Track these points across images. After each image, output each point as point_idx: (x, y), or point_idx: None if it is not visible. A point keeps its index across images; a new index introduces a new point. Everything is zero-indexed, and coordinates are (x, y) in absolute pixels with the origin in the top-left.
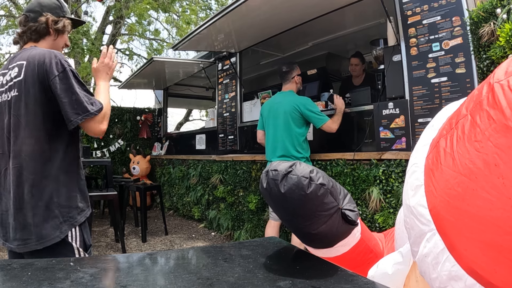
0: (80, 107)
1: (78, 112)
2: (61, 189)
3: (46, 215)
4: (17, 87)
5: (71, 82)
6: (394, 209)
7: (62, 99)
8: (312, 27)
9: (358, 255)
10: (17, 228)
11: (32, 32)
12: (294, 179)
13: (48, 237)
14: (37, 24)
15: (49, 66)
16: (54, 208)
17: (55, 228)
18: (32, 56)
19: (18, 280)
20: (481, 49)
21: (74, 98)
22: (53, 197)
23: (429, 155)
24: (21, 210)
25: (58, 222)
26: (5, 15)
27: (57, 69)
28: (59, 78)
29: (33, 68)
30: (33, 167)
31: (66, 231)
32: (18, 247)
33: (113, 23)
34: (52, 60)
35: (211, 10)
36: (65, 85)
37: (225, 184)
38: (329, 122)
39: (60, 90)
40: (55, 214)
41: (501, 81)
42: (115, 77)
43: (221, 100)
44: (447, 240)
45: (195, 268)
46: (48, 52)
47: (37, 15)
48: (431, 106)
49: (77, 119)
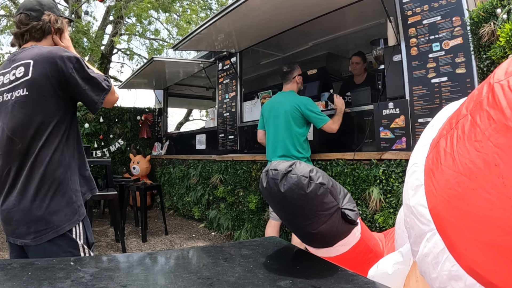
0: (100, 87)
1: (99, 93)
2: (73, 175)
3: (66, 201)
4: (25, 86)
5: (86, 70)
6: (394, 209)
7: (84, 87)
8: (312, 27)
9: (358, 255)
10: (29, 222)
11: (37, 31)
12: (294, 178)
13: (68, 221)
14: (42, 22)
15: (62, 63)
16: (71, 193)
17: (74, 212)
18: (38, 54)
19: (19, 280)
20: (481, 49)
21: (93, 82)
22: (69, 183)
23: (429, 155)
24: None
25: (76, 206)
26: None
27: (70, 62)
28: (75, 70)
29: (42, 67)
30: (49, 159)
31: (83, 214)
32: (33, 240)
33: (113, 23)
34: (63, 57)
35: (212, 10)
36: (83, 74)
37: (225, 184)
38: (329, 123)
39: (80, 80)
40: (73, 199)
41: (501, 81)
42: (115, 77)
43: (221, 100)
44: (447, 240)
45: (196, 268)
46: (55, 49)
47: (39, 14)
48: (431, 106)
49: (100, 99)
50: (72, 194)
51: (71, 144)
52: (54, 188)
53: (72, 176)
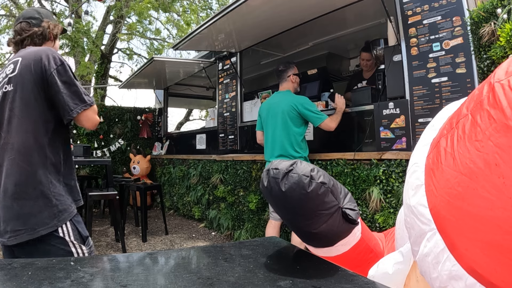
0: (79, 98)
1: (77, 102)
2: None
3: (45, 203)
4: (12, 82)
5: (70, 75)
6: (394, 209)
7: (62, 91)
8: (313, 27)
9: (358, 255)
10: (8, 220)
11: (38, 36)
12: (295, 177)
13: (45, 225)
14: (42, 28)
15: (46, 61)
16: (52, 197)
17: (53, 217)
18: (27, 53)
19: (19, 280)
20: (482, 49)
21: (73, 90)
22: (50, 187)
23: (429, 154)
24: (16, 200)
25: (56, 210)
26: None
27: (55, 63)
28: (57, 72)
29: (28, 64)
30: (28, 158)
31: (64, 219)
32: (9, 240)
33: (114, 23)
34: (49, 56)
35: (212, 10)
36: (64, 78)
37: (225, 184)
38: (327, 121)
39: (60, 82)
40: (53, 203)
41: (502, 80)
42: (115, 76)
43: (221, 100)
44: (447, 239)
45: (196, 268)
46: (43, 49)
47: (38, 22)
48: (432, 106)
49: (77, 109)
50: (52, 197)
51: (57, 147)
52: (33, 188)
53: (54, 180)
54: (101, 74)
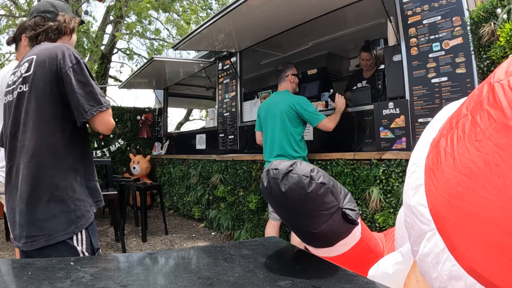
0: (95, 99)
1: (93, 104)
2: (73, 184)
3: (62, 209)
4: (27, 81)
5: (86, 74)
6: (394, 209)
7: (76, 91)
8: (313, 27)
9: (358, 255)
10: (24, 225)
11: (53, 31)
12: (294, 178)
13: (62, 231)
14: (57, 23)
15: (62, 59)
16: (70, 202)
17: (70, 223)
18: (42, 50)
19: (19, 280)
20: (482, 49)
21: (88, 90)
22: (68, 191)
23: (429, 154)
24: (31, 205)
25: (74, 216)
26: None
27: (70, 61)
28: (73, 70)
29: (43, 62)
30: (43, 161)
31: (82, 226)
32: (25, 246)
33: (113, 23)
34: (65, 53)
35: (212, 10)
36: (79, 77)
37: (225, 184)
38: (325, 121)
39: (75, 81)
40: (71, 208)
41: (502, 80)
42: (115, 76)
43: (221, 100)
44: (447, 239)
45: (196, 268)
46: (60, 46)
47: (53, 15)
48: (431, 106)
49: (92, 110)
50: (70, 202)
51: (75, 149)
52: (49, 193)
53: (73, 184)
54: (101, 74)
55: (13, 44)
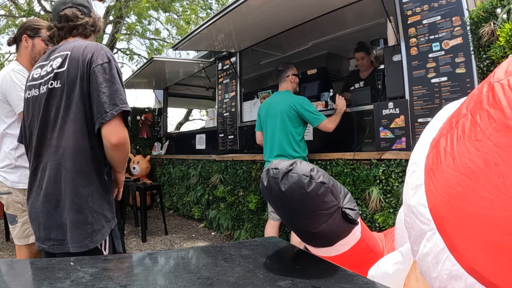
0: (119, 98)
1: (116, 103)
2: (95, 194)
3: (79, 219)
4: (59, 78)
5: (114, 73)
6: (394, 209)
7: (102, 89)
8: (312, 27)
9: (358, 255)
10: (50, 228)
11: (90, 27)
12: (294, 177)
13: (78, 243)
14: (93, 19)
15: (94, 56)
16: (88, 213)
17: (86, 236)
18: (77, 47)
19: (19, 280)
20: (481, 49)
21: (114, 89)
22: (88, 201)
23: (429, 154)
24: (57, 208)
25: (90, 229)
26: (5, 15)
27: (102, 59)
28: (102, 67)
29: (77, 59)
30: (72, 165)
31: (98, 241)
32: (51, 248)
33: (113, 23)
34: (99, 51)
35: (212, 10)
36: (108, 76)
37: (225, 184)
38: (325, 122)
39: (102, 79)
40: (88, 220)
41: (501, 80)
42: None
43: (221, 100)
44: (447, 239)
45: (195, 268)
46: (97, 45)
47: (88, 11)
48: (431, 106)
49: (113, 110)
50: (88, 213)
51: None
52: (69, 199)
53: (94, 194)
54: None
55: (13, 44)
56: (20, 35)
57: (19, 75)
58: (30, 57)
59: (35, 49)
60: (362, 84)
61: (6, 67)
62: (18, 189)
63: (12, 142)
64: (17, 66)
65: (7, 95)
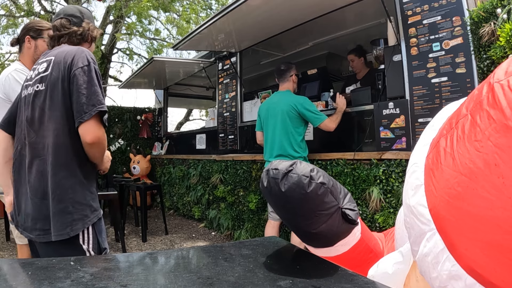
0: (96, 99)
1: (94, 103)
2: (77, 185)
3: (60, 209)
4: (44, 81)
5: (93, 75)
6: (394, 209)
7: (82, 91)
8: (313, 26)
9: (358, 255)
10: (37, 219)
11: (76, 36)
12: (294, 178)
13: (61, 231)
14: (82, 29)
15: (76, 60)
16: (69, 204)
17: (67, 224)
18: (61, 52)
19: (19, 279)
20: (482, 49)
21: (93, 90)
22: (69, 192)
23: (429, 154)
24: (43, 201)
25: (71, 219)
26: (6, 14)
27: (82, 62)
28: (82, 70)
29: (59, 63)
30: (54, 160)
31: (78, 229)
32: (37, 237)
33: (113, 23)
34: (80, 55)
35: (212, 10)
36: (87, 78)
37: (225, 184)
38: (326, 121)
39: (82, 81)
40: (69, 210)
41: (501, 81)
42: (115, 76)
43: (221, 100)
44: (447, 239)
45: (196, 268)
46: (77, 48)
47: (79, 21)
48: (431, 106)
49: (91, 110)
50: (69, 204)
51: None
52: (53, 191)
53: (77, 186)
54: (101, 74)
55: (16, 45)
56: (23, 36)
57: (22, 74)
58: (33, 57)
59: (37, 50)
60: (359, 85)
61: (9, 67)
62: None
63: None
64: (19, 66)
65: (9, 94)
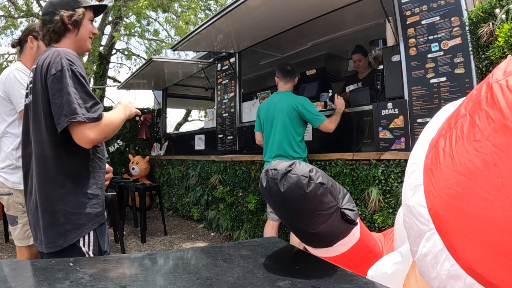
0: (69, 108)
1: (66, 114)
2: (69, 195)
3: (51, 221)
4: (30, 93)
5: (66, 81)
6: (393, 209)
7: (55, 100)
8: (312, 27)
9: (357, 255)
10: (36, 228)
11: (51, 34)
12: (293, 178)
13: (53, 243)
14: (53, 24)
15: (50, 67)
16: (60, 215)
17: (59, 236)
18: (41, 58)
19: (18, 281)
20: (480, 49)
21: (65, 99)
22: (59, 203)
23: (428, 154)
24: (36, 211)
25: (63, 230)
26: (4, 15)
27: (55, 69)
28: (55, 77)
29: (38, 74)
30: (39, 172)
31: (72, 239)
32: (39, 247)
33: (112, 24)
34: (54, 60)
35: (210, 11)
36: (58, 85)
37: (224, 185)
38: (326, 122)
39: (53, 90)
40: (60, 221)
41: (500, 81)
42: (114, 77)
43: (220, 101)
44: (446, 239)
45: (195, 268)
46: (53, 54)
47: (51, 16)
48: (430, 106)
49: (63, 121)
50: (61, 216)
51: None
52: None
53: (68, 196)
54: (100, 75)
55: (18, 46)
56: (26, 36)
57: (22, 73)
58: (35, 57)
59: (40, 51)
60: (360, 84)
61: (9, 66)
62: (19, 190)
63: (12, 142)
64: (20, 65)
65: (9, 93)
